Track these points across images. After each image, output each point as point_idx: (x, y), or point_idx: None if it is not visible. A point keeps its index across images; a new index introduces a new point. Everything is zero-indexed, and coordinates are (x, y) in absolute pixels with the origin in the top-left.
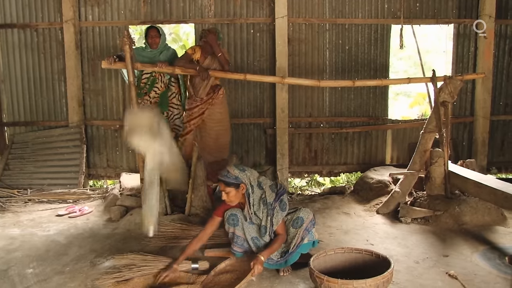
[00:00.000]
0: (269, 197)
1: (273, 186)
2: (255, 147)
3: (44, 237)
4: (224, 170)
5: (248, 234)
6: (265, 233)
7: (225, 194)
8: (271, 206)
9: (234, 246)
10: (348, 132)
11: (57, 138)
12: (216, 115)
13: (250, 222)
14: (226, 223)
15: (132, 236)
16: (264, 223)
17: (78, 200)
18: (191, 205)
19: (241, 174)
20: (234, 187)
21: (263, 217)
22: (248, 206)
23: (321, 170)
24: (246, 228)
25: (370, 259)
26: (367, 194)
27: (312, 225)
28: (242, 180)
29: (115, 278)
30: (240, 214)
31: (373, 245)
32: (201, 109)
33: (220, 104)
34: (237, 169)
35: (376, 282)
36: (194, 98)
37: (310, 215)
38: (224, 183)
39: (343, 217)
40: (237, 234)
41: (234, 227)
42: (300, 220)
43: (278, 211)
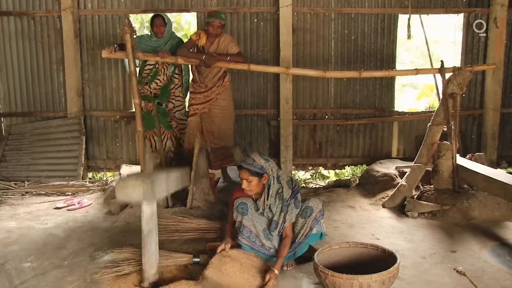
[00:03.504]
0: (286, 193)
1: (290, 182)
2: (258, 138)
3: (42, 230)
4: (248, 158)
5: (258, 225)
6: (275, 228)
7: (246, 183)
8: (286, 202)
9: (240, 237)
10: (353, 124)
11: (55, 129)
12: (220, 102)
13: (260, 213)
14: (235, 210)
15: (132, 229)
16: (276, 218)
17: (77, 192)
18: (192, 198)
19: (266, 164)
20: (257, 177)
21: (276, 212)
22: (265, 197)
23: (326, 163)
24: (256, 218)
25: (376, 254)
26: (372, 188)
27: (321, 215)
28: (267, 170)
29: (115, 272)
30: (251, 204)
31: (378, 239)
32: (205, 96)
33: (225, 91)
34: (262, 158)
35: (381, 277)
36: (199, 83)
37: (320, 205)
38: (249, 172)
39: (348, 211)
40: (244, 224)
41: (243, 216)
42: (309, 209)
43: (292, 209)
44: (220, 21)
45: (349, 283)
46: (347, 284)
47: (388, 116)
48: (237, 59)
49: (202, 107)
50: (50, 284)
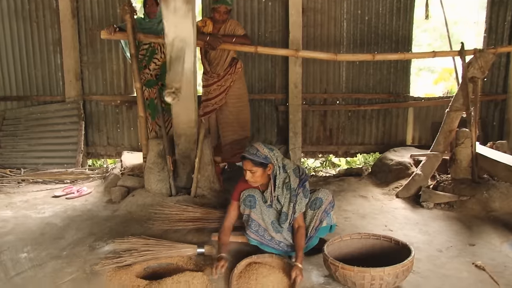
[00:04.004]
0: (293, 182)
1: (296, 170)
2: (266, 124)
3: (39, 220)
4: (251, 148)
5: (267, 218)
6: (285, 220)
7: (250, 174)
8: (294, 192)
9: (248, 231)
10: (366, 109)
11: (53, 114)
12: (235, 91)
13: (269, 205)
14: (242, 204)
15: (133, 219)
16: (286, 210)
17: (76, 180)
18: (197, 186)
19: (270, 153)
20: (262, 167)
21: (285, 203)
22: (272, 188)
23: (337, 150)
24: (264, 211)
25: (389, 246)
26: (386, 177)
27: (331, 207)
28: (271, 160)
29: (116, 263)
30: (258, 196)
31: (392, 231)
32: (220, 86)
33: (239, 79)
34: (266, 148)
35: (395, 270)
36: (210, 74)
37: (329, 197)
38: (252, 162)
39: (359, 201)
40: (252, 217)
41: (251, 209)
42: (319, 201)
43: (301, 198)
44: (226, 7)
45: (361, 276)
46: (359, 277)
47: (403, 102)
48: (244, 41)
49: (220, 99)
50: (48, 276)
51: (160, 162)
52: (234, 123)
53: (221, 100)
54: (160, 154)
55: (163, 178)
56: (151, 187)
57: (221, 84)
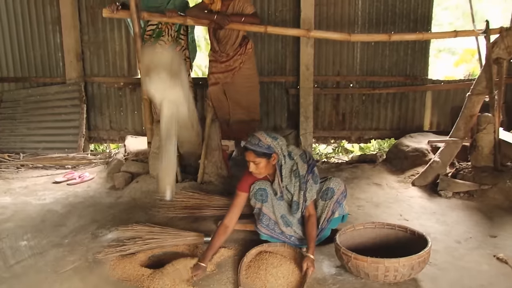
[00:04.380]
0: (301, 169)
1: (303, 155)
2: (276, 108)
3: (40, 206)
4: (253, 138)
5: (277, 211)
6: (297, 209)
7: (253, 165)
8: (304, 179)
9: (259, 225)
10: (381, 93)
11: (53, 96)
12: (244, 71)
13: (279, 197)
14: (253, 197)
15: (138, 206)
16: (296, 198)
17: (78, 165)
18: (204, 172)
19: (273, 142)
20: (265, 158)
21: (295, 192)
22: (279, 179)
23: (350, 136)
24: (275, 205)
25: (404, 236)
26: (401, 164)
27: (343, 197)
28: (275, 149)
29: (119, 252)
30: (269, 189)
31: (407, 220)
32: (228, 66)
33: (249, 59)
34: (269, 136)
35: (410, 262)
36: (219, 53)
37: (341, 186)
38: (255, 153)
39: (373, 189)
40: (264, 212)
41: (262, 203)
42: (330, 191)
43: (311, 185)
44: None
45: (374, 267)
46: (372, 268)
47: (421, 85)
48: (253, 20)
49: (224, 76)
50: (49, 264)
51: None
52: (242, 103)
53: (225, 77)
54: None
55: None
56: (156, 173)
57: (229, 64)
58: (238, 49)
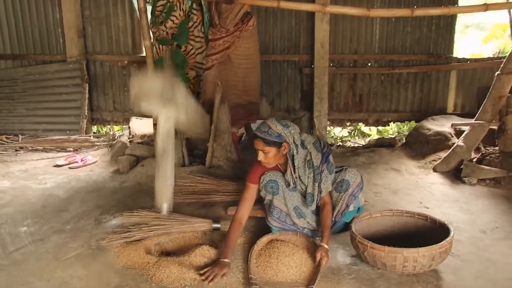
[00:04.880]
0: (316, 159)
1: (317, 143)
2: (289, 89)
3: (40, 191)
4: (263, 125)
5: (290, 203)
6: (312, 201)
7: (262, 154)
8: (318, 169)
9: (270, 218)
10: (401, 72)
11: (53, 75)
12: (243, 50)
13: (292, 188)
14: (263, 189)
15: (143, 190)
16: (311, 190)
17: (80, 148)
18: (212, 156)
19: (284, 130)
20: (275, 147)
21: (309, 183)
22: (291, 170)
23: (367, 118)
24: (287, 196)
25: (424, 224)
26: (422, 148)
27: (359, 189)
28: (286, 138)
29: (124, 239)
30: (281, 180)
31: (428, 208)
32: (226, 42)
33: (250, 38)
34: (280, 124)
35: (431, 252)
36: (219, 28)
37: (358, 178)
38: (264, 141)
39: (392, 174)
40: (275, 204)
41: (273, 195)
42: (346, 183)
43: (326, 176)
44: None
45: (392, 257)
46: (390, 258)
47: (445, 64)
48: None
49: (221, 56)
50: (50, 251)
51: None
52: (238, 86)
53: (222, 57)
54: None
55: (176, 147)
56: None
57: (227, 40)
58: (239, 25)
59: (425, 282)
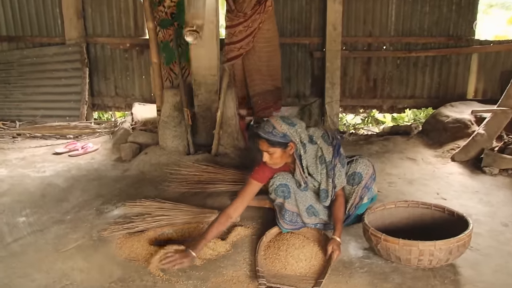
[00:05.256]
0: (327, 154)
1: (325, 136)
2: (299, 73)
3: (39, 179)
4: (267, 125)
5: (301, 204)
6: (326, 197)
7: (267, 155)
8: (331, 164)
9: (282, 221)
10: (418, 56)
11: (51, 58)
12: (264, 33)
13: (304, 188)
14: (273, 193)
15: (146, 179)
16: (325, 186)
17: (80, 135)
18: (219, 143)
19: (290, 130)
20: (280, 147)
21: (322, 179)
22: (300, 170)
23: (381, 105)
24: (299, 198)
25: (441, 216)
26: (439, 136)
27: (372, 180)
28: (292, 138)
29: (127, 229)
30: (292, 183)
31: (445, 199)
32: (246, 28)
33: (268, 19)
34: (284, 123)
35: (448, 245)
36: (235, 13)
37: (370, 169)
38: (268, 142)
39: (407, 164)
40: (286, 208)
41: (285, 199)
42: (358, 176)
43: (340, 170)
44: None
45: (407, 250)
46: (404, 251)
47: (466, 47)
48: None
49: (246, 42)
50: (49, 242)
51: (177, 115)
52: (263, 71)
53: (247, 44)
54: (176, 106)
55: (180, 134)
56: (166, 144)
57: (247, 25)
58: (256, 7)
59: (442, 277)
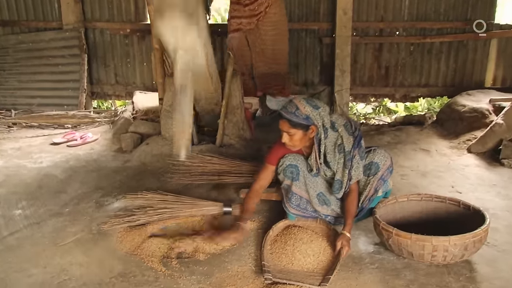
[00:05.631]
0: (347, 144)
1: (348, 125)
2: (307, 61)
3: (36, 170)
4: (290, 105)
5: (312, 190)
6: (340, 189)
7: (287, 136)
8: (349, 155)
9: (288, 204)
10: (433, 42)
11: (48, 44)
12: (270, 17)
13: (315, 174)
14: (282, 173)
15: (148, 171)
16: (340, 177)
17: (79, 125)
18: (223, 134)
19: (313, 112)
20: (302, 129)
21: (338, 169)
22: (316, 155)
23: (394, 93)
24: (310, 182)
25: (456, 211)
26: (455, 127)
27: (389, 172)
28: (314, 121)
29: (127, 223)
30: (302, 165)
31: (461, 193)
32: (252, 10)
33: (275, 3)
34: (308, 105)
35: (463, 240)
36: None
37: (388, 160)
38: (290, 123)
39: (420, 155)
40: (293, 191)
41: (292, 181)
42: (375, 166)
43: (358, 162)
44: None
45: (420, 245)
46: (417, 247)
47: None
48: None
49: (248, 22)
50: (47, 236)
51: None
52: (267, 54)
53: (249, 24)
54: None
55: None
56: (169, 134)
57: (253, 8)
58: None
59: (457, 274)
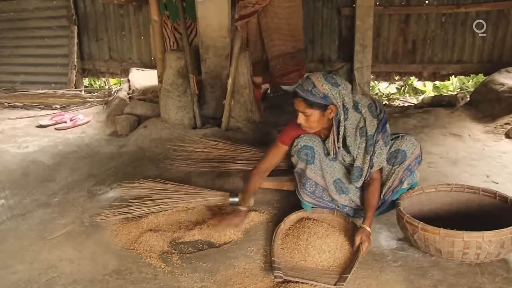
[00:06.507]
0: (370, 127)
1: (372, 107)
2: (324, 34)
3: (20, 156)
4: (306, 82)
5: (329, 175)
6: (359, 177)
7: (303, 117)
8: (372, 140)
9: (301, 191)
10: (468, 12)
11: (33, 14)
12: None
13: (333, 158)
14: (295, 155)
15: (146, 157)
16: (360, 163)
17: (69, 105)
18: (230, 116)
19: (332, 90)
20: (319, 109)
21: (359, 155)
22: (335, 138)
23: (421, 71)
24: (326, 167)
25: (491, 203)
26: (491, 109)
27: (417, 163)
28: (333, 100)
29: (123, 214)
30: (319, 147)
31: (497, 183)
32: None
33: None
34: (327, 82)
35: (499, 236)
36: None
37: (417, 149)
38: (306, 102)
39: (450, 141)
40: (308, 176)
41: (307, 164)
42: (402, 154)
43: (381, 148)
44: None
45: (449, 242)
46: (446, 243)
47: None
48: None
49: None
50: (33, 228)
51: (181, 83)
52: (283, 29)
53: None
54: (180, 72)
55: (185, 105)
56: (169, 116)
57: None
58: None
59: (492, 274)
